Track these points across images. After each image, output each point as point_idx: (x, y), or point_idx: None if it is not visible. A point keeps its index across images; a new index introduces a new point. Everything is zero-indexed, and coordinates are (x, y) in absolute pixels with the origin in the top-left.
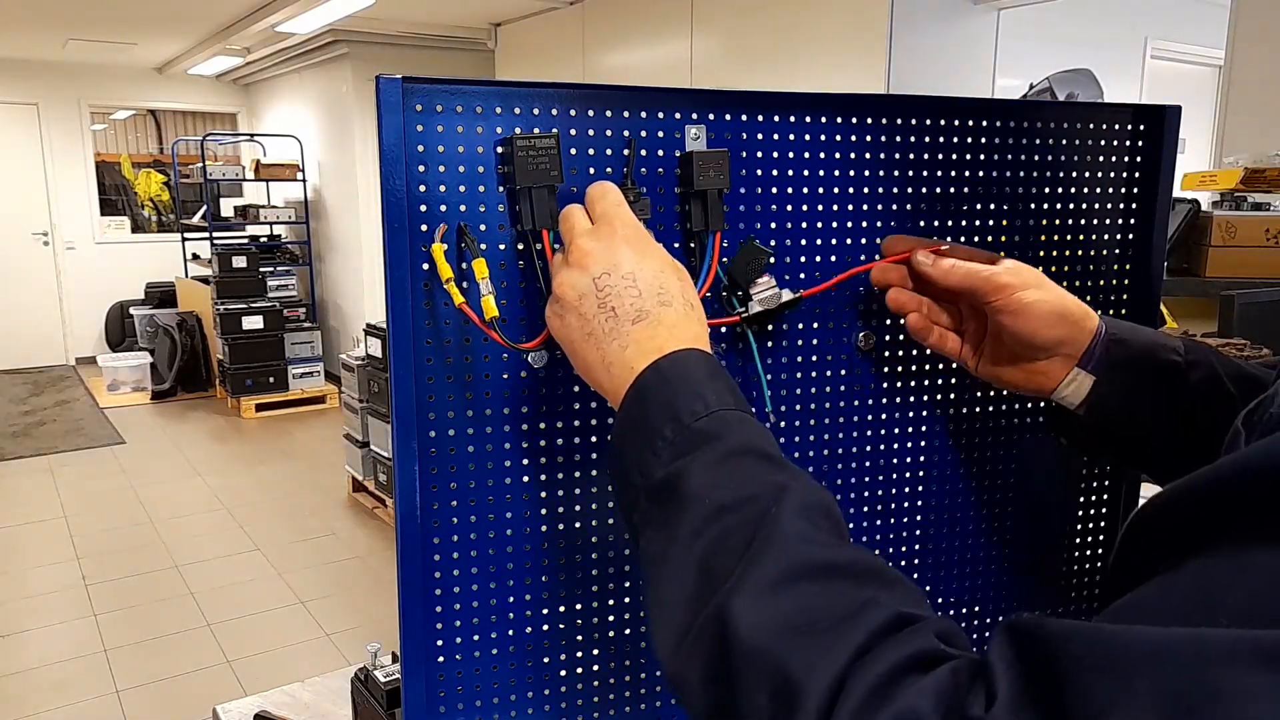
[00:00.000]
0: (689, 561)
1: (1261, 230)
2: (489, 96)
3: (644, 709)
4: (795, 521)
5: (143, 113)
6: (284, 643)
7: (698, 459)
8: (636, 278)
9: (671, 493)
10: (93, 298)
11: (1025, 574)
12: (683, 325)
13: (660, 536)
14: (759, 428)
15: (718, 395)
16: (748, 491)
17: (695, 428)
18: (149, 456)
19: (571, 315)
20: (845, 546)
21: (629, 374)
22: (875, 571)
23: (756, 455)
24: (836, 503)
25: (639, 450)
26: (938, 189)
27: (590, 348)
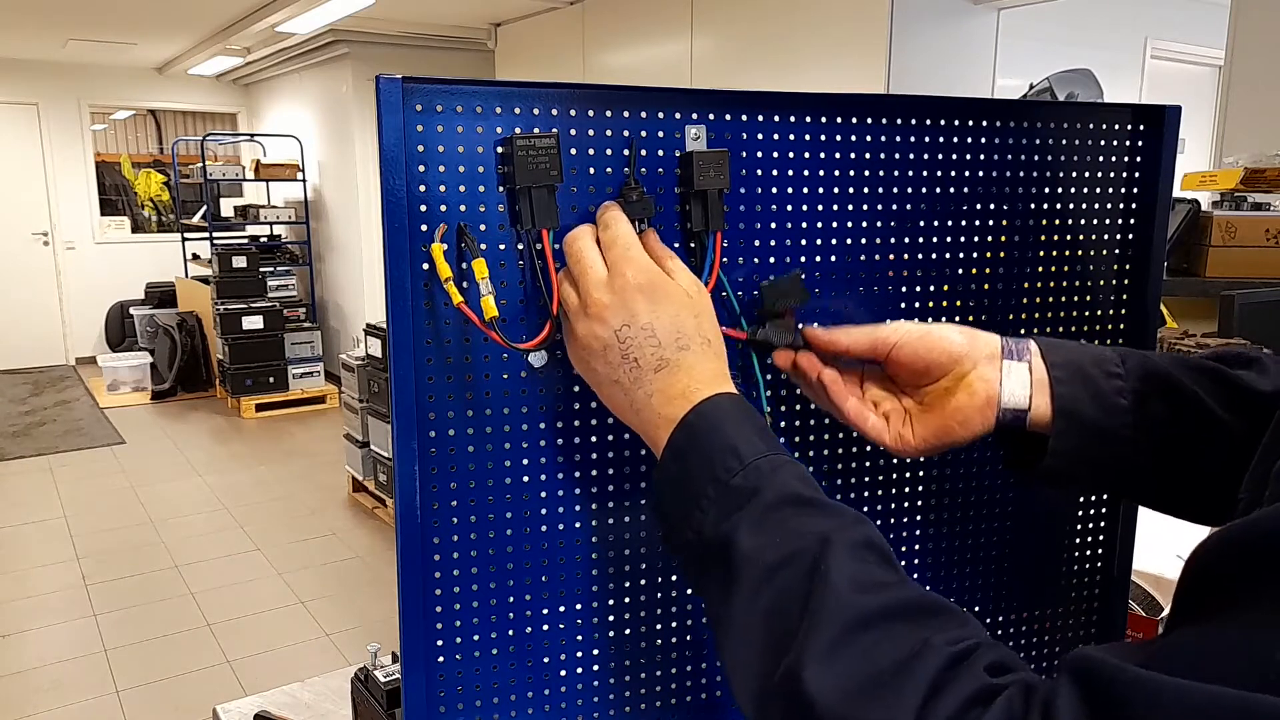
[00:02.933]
0: (752, 624)
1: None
2: (489, 96)
3: (644, 709)
4: (844, 570)
5: (143, 113)
6: (284, 643)
7: (743, 519)
8: (655, 328)
9: (725, 555)
10: (93, 298)
11: (1025, 574)
12: (701, 365)
13: (721, 597)
14: (793, 469)
15: (748, 444)
16: (794, 546)
17: (734, 485)
18: (149, 456)
19: (598, 362)
20: (894, 586)
21: (655, 418)
22: (926, 608)
23: (795, 503)
24: (877, 530)
25: (686, 508)
26: (937, 189)
27: (617, 393)
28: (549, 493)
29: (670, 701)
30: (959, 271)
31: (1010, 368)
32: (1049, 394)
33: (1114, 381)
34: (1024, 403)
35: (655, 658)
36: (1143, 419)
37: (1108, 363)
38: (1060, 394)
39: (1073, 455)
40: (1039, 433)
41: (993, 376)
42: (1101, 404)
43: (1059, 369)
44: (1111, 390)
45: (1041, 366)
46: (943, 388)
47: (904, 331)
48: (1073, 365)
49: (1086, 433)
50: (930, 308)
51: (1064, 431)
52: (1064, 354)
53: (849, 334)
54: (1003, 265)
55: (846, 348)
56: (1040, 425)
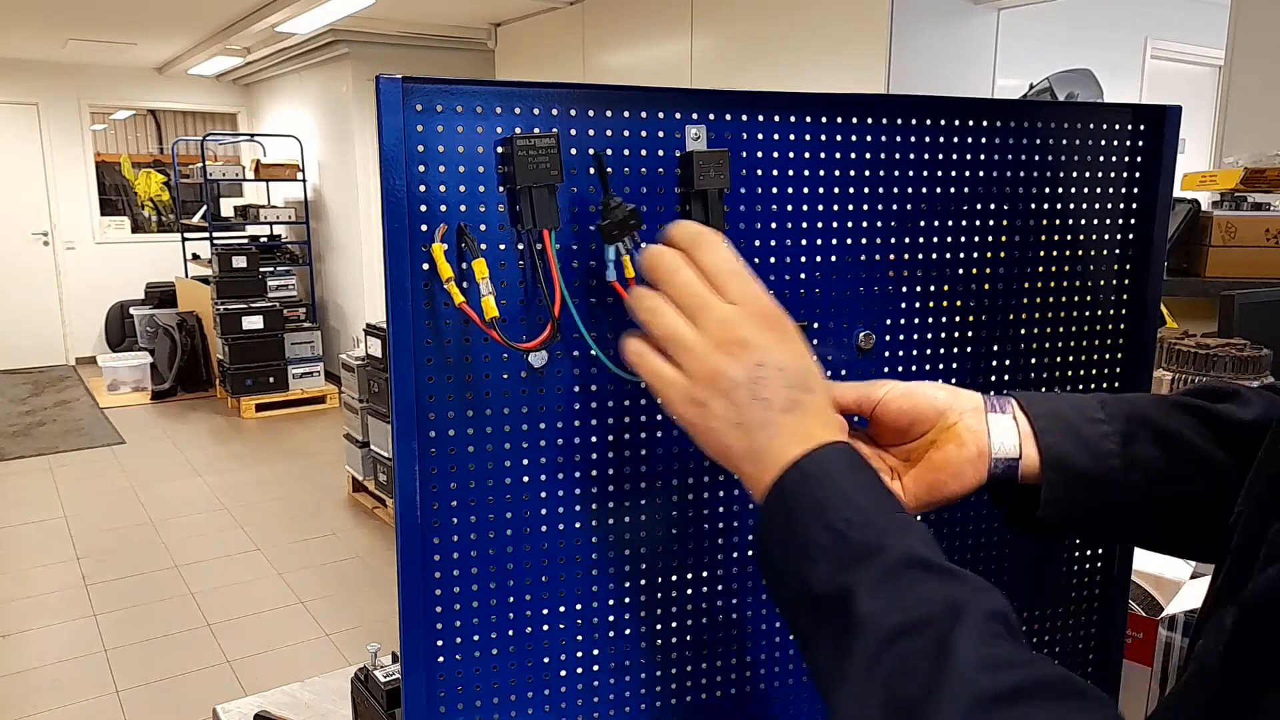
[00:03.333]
0: (871, 691)
1: (1261, 230)
2: (489, 96)
3: (644, 709)
4: (974, 647)
5: (143, 113)
6: (284, 643)
7: (862, 577)
8: (787, 369)
9: (841, 612)
10: (93, 298)
11: (1025, 574)
12: (823, 409)
13: (834, 655)
14: (916, 529)
15: (868, 497)
16: (921, 613)
17: (852, 538)
18: (149, 456)
19: (719, 403)
20: (1025, 665)
21: (774, 460)
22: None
23: (921, 567)
24: (1007, 602)
25: (795, 556)
26: (938, 189)
27: (738, 437)
28: (549, 493)
29: (670, 701)
30: (959, 271)
31: (995, 419)
32: (1035, 444)
33: (1098, 427)
34: (1014, 451)
35: (655, 658)
36: (1130, 461)
37: (1089, 409)
38: (1047, 444)
39: (1065, 503)
40: (1030, 484)
41: (979, 428)
42: (1089, 450)
43: (1042, 419)
44: (1097, 436)
45: (1025, 418)
46: (929, 441)
47: (888, 387)
48: (1055, 415)
49: (1077, 480)
50: (930, 308)
51: (1055, 481)
52: (1045, 404)
53: (836, 389)
54: (1003, 265)
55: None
56: (1031, 476)
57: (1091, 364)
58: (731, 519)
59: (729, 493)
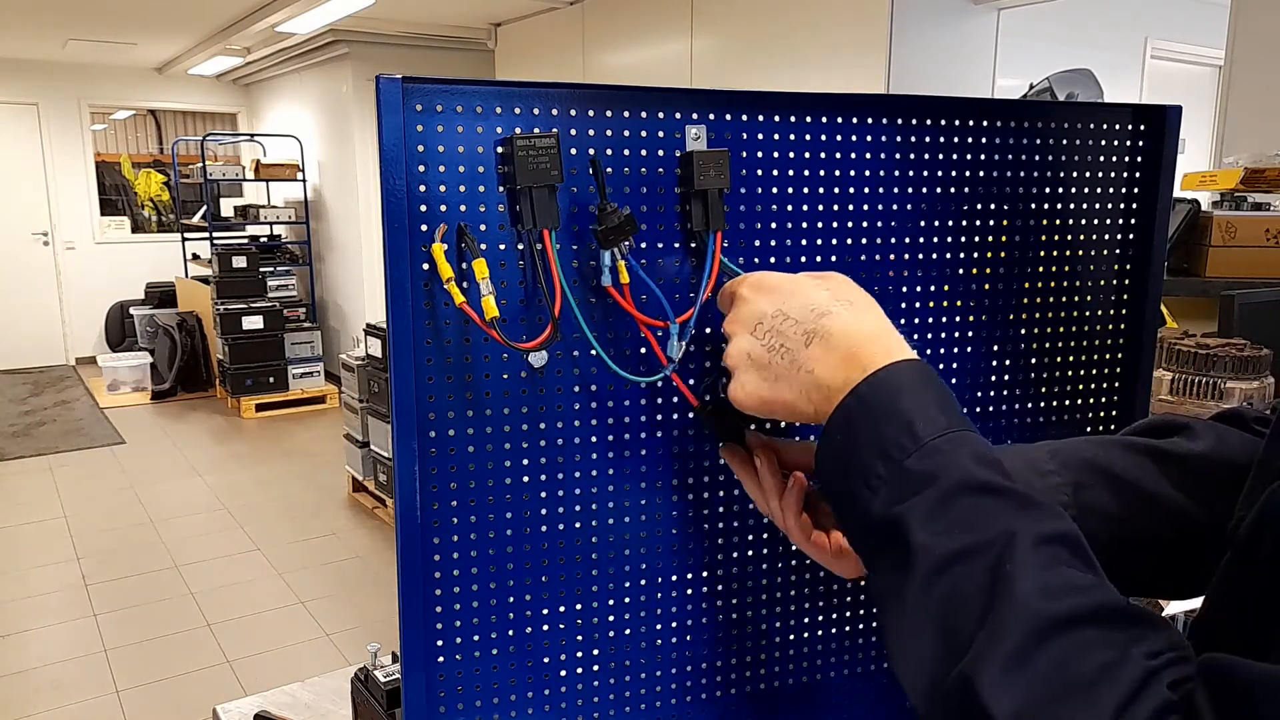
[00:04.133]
0: (926, 616)
1: (1261, 230)
2: (489, 96)
3: (644, 709)
4: (1030, 573)
5: (143, 113)
6: (284, 643)
7: (917, 504)
8: (786, 311)
9: (896, 537)
10: (93, 298)
11: None
12: (855, 325)
13: (890, 580)
14: (975, 449)
15: (926, 419)
16: (975, 539)
17: (908, 467)
18: (149, 456)
19: (750, 375)
20: (1086, 588)
21: (827, 392)
22: (1123, 614)
23: (977, 490)
24: (1071, 522)
25: (852, 482)
26: (938, 189)
27: (783, 389)
28: (549, 493)
29: (670, 701)
30: (959, 271)
31: None
32: None
33: (1049, 479)
34: None
35: (655, 658)
36: (1084, 510)
37: (1039, 461)
38: None
39: None
40: None
41: None
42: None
43: None
44: (1048, 488)
45: None
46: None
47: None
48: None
49: None
50: (930, 308)
51: None
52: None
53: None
54: (1003, 265)
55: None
56: None
57: (1091, 364)
58: (731, 519)
59: (729, 493)
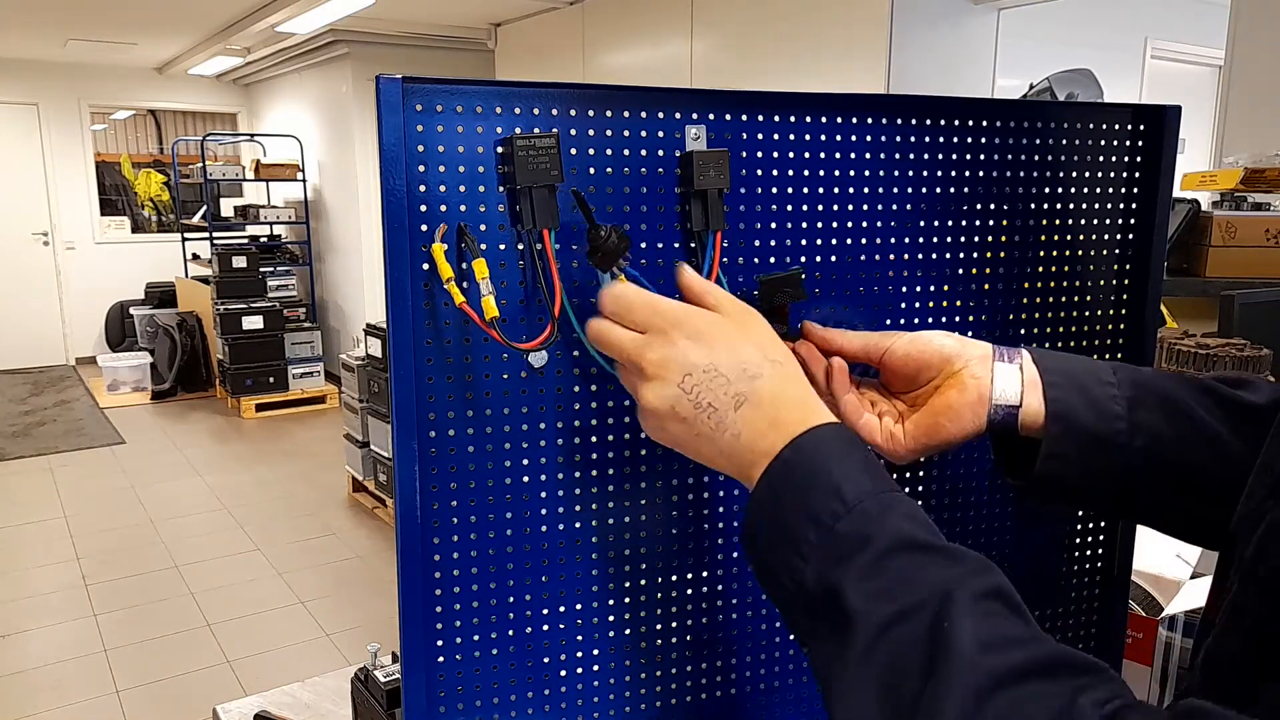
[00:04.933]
0: (867, 686)
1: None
2: (489, 96)
3: (644, 709)
4: (969, 629)
5: (143, 113)
6: (284, 643)
7: (851, 570)
8: (718, 367)
9: (832, 607)
10: (93, 298)
11: (1025, 574)
12: (783, 390)
13: (829, 650)
14: (904, 509)
15: (853, 482)
16: (911, 599)
17: (840, 531)
18: (149, 456)
19: (672, 423)
20: (1024, 641)
21: (751, 456)
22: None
23: (909, 548)
24: (1002, 575)
25: (784, 552)
26: (937, 189)
27: (704, 445)
28: (549, 493)
29: (670, 701)
30: (959, 271)
31: (1001, 368)
32: (1041, 395)
33: (1107, 389)
34: (1015, 399)
35: (655, 658)
36: (1136, 426)
37: (1100, 371)
38: (1054, 397)
39: (1067, 459)
40: (1033, 438)
41: (983, 374)
42: (1096, 409)
43: (1051, 373)
44: (1105, 397)
45: (1034, 369)
46: (934, 386)
47: (896, 336)
48: (1065, 371)
49: (1081, 436)
50: (930, 308)
51: (1058, 435)
52: (1056, 360)
53: (844, 335)
54: (1003, 265)
55: (840, 347)
56: (1033, 428)
57: None
58: (731, 519)
59: (729, 493)
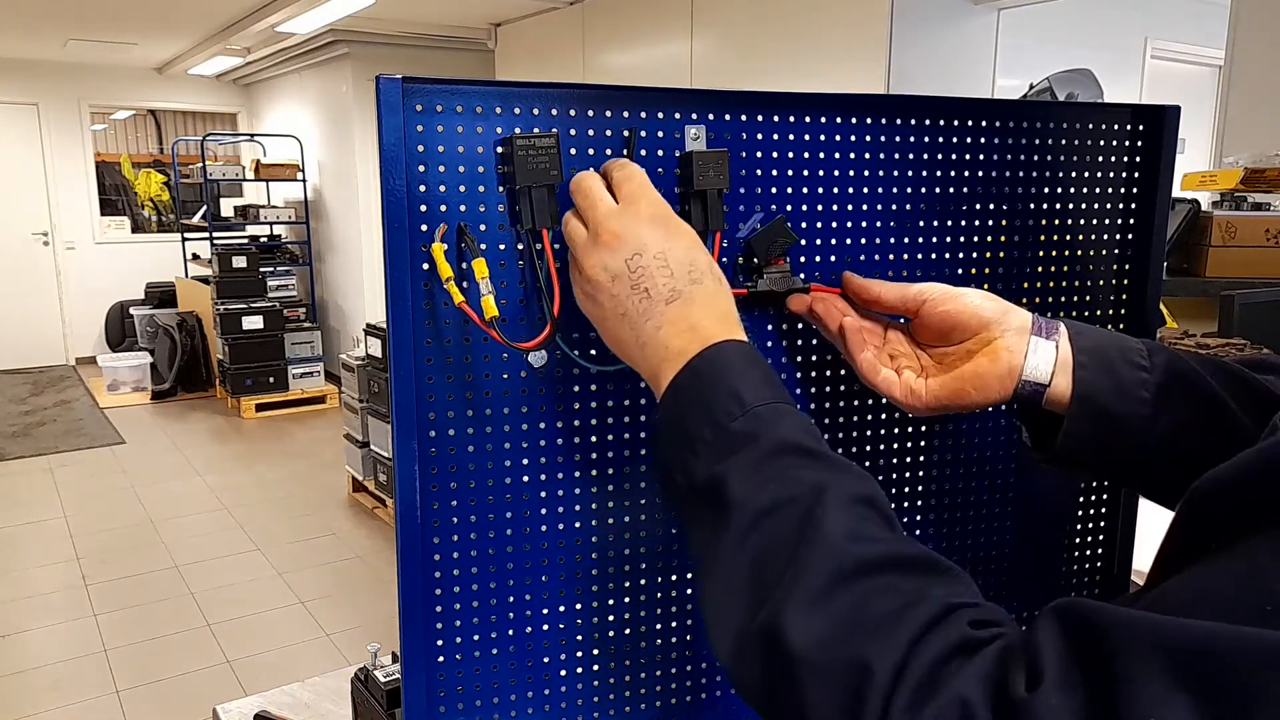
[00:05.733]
0: (737, 567)
1: (1261, 230)
2: (489, 96)
3: (644, 709)
4: (838, 520)
5: (143, 113)
6: (284, 643)
7: (737, 463)
8: (668, 257)
9: (714, 496)
10: (93, 298)
11: (1025, 573)
12: (714, 301)
13: (707, 539)
14: (796, 420)
15: (753, 390)
16: (788, 492)
17: (733, 429)
18: (149, 456)
19: (604, 295)
20: (890, 540)
21: (662, 351)
22: (920, 561)
23: (795, 452)
24: (879, 488)
25: (680, 451)
26: (937, 189)
27: (624, 327)
28: (549, 493)
29: (670, 701)
30: (959, 272)
31: (1038, 344)
32: (1070, 376)
33: (1138, 373)
34: (1045, 378)
35: (655, 658)
36: (1160, 410)
37: (1134, 354)
38: (1081, 378)
39: (1085, 439)
40: (1055, 413)
41: (1018, 348)
42: (1121, 393)
43: (1085, 354)
44: (1134, 382)
45: (1068, 349)
46: (965, 349)
47: (936, 291)
48: (1099, 352)
49: (1101, 419)
50: None
51: (1079, 415)
52: (1092, 340)
53: (882, 286)
54: (1003, 265)
55: (877, 296)
56: (1057, 405)
57: None
58: None
59: None
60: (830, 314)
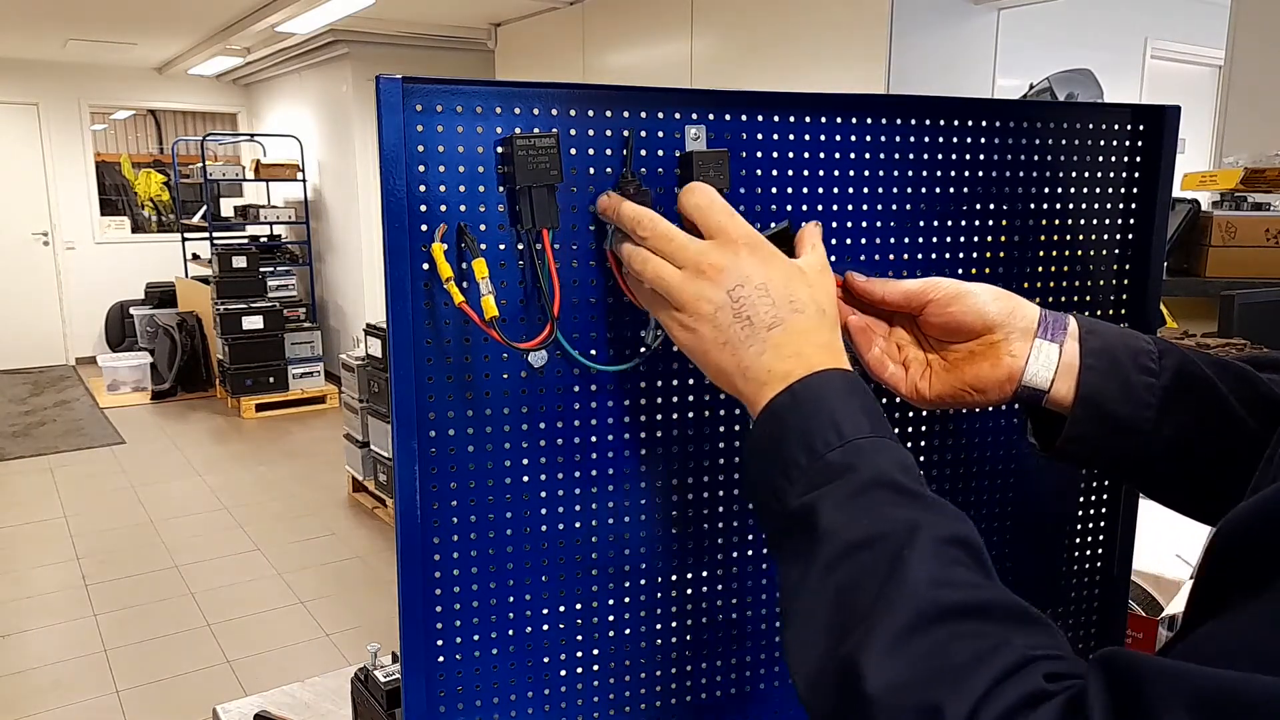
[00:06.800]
0: (822, 598)
1: (1261, 230)
2: (489, 96)
3: (644, 709)
4: (926, 563)
5: (143, 113)
6: (284, 643)
7: (831, 493)
8: (769, 287)
9: (806, 525)
10: (93, 298)
11: (1025, 574)
12: (816, 330)
13: (796, 567)
14: (895, 453)
15: (852, 422)
16: (880, 529)
17: (829, 459)
18: (149, 456)
19: (705, 326)
20: (977, 585)
21: (764, 374)
22: (1005, 609)
23: (890, 488)
24: (974, 529)
25: (774, 474)
26: (937, 189)
27: (726, 355)
28: (549, 493)
29: (670, 701)
30: (959, 272)
31: (1041, 347)
32: (1074, 381)
33: (1146, 377)
34: (1044, 384)
35: (655, 658)
36: (1167, 416)
37: (1144, 356)
38: (1087, 381)
39: (1087, 441)
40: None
41: (1020, 352)
42: (1127, 397)
43: (1093, 355)
44: (1141, 385)
45: (1074, 350)
46: (968, 350)
47: (940, 291)
48: (1108, 354)
49: (1105, 423)
50: None
51: (1081, 418)
52: (1102, 340)
53: (885, 286)
54: (1003, 265)
55: (881, 297)
56: (1060, 406)
57: None
58: (731, 519)
59: (729, 492)
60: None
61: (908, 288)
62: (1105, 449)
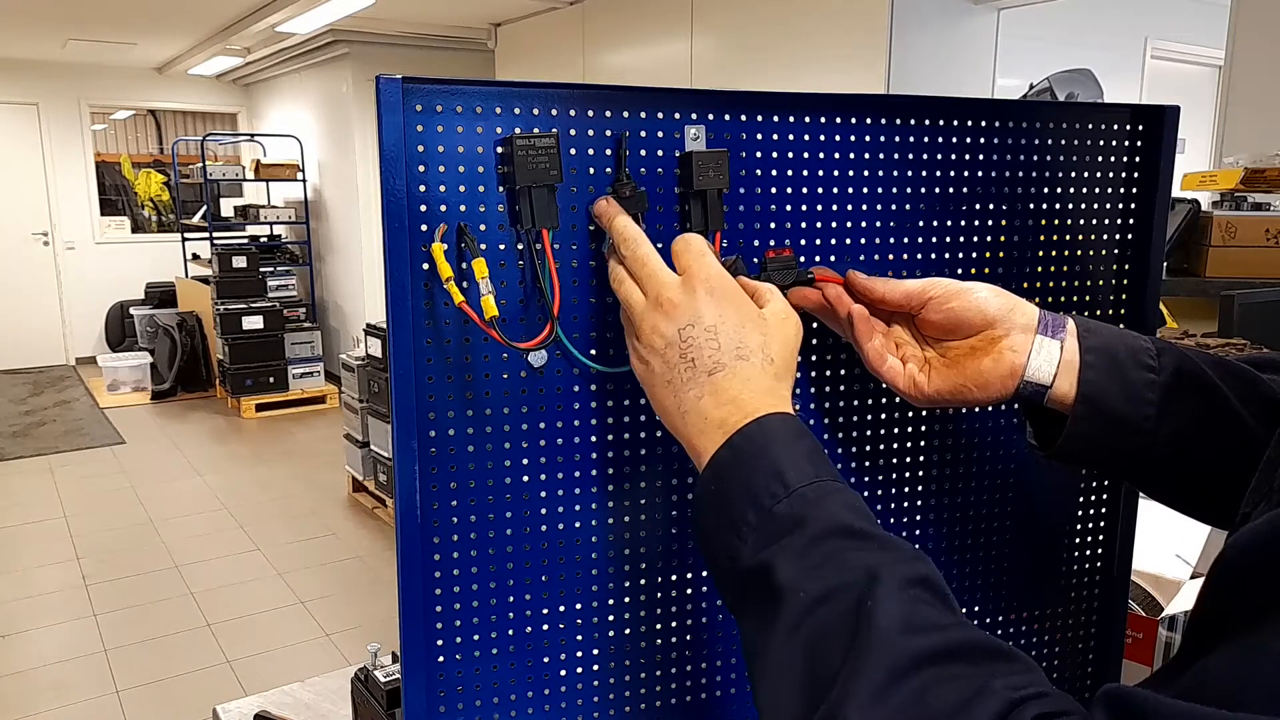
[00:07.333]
0: (790, 660)
1: (1261, 230)
2: (489, 96)
3: (644, 709)
4: (893, 610)
5: (143, 113)
6: (284, 643)
7: (785, 548)
8: (718, 331)
9: (763, 585)
10: (93, 298)
11: (1025, 574)
12: (757, 379)
13: (759, 627)
14: (843, 498)
15: (795, 469)
16: (840, 579)
17: (776, 512)
18: (149, 456)
19: (656, 360)
20: (947, 626)
21: (701, 422)
22: (979, 649)
23: (843, 534)
24: (934, 566)
25: (724, 533)
26: (937, 189)
27: (668, 394)
28: (549, 493)
29: (670, 701)
30: (959, 272)
31: (1042, 343)
32: (1075, 377)
33: (1145, 375)
34: (1047, 380)
35: (655, 658)
36: (1167, 414)
37: (1143, 354)
38: (1087, 379)
39: (1088, 440)
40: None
41: (1022, 348)
42: (1127, 395)
43: (1092, 354)
44: (1141, 383)
45: (1074, 348)
46: (969, 346)
47: (940, 289)
48: (1107, 352)
49: (1106, 421)
50: None
51: (1083, 416)
52: (1101, 339)
53: (886, 285)
54: (1003, 265)
55: (882, 296)
56: (1060, 405)
57: None
58: None
59: None
60: (840, 301)
61: (908, 287)
62: (1106, 448)
